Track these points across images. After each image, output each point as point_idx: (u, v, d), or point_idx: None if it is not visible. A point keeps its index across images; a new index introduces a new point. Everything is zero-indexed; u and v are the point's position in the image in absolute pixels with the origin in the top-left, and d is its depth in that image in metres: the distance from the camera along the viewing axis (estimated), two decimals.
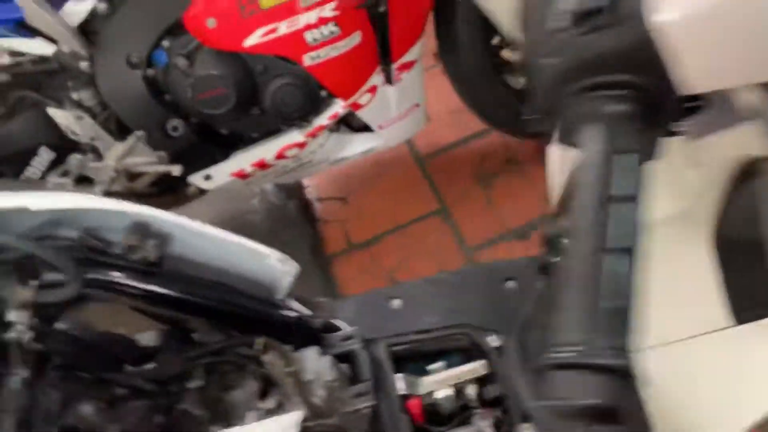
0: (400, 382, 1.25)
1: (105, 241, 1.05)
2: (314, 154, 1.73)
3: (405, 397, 1.25)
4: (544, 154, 2.02)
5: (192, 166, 1.66)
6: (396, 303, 1.35)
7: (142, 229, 1.02)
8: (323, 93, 1.58)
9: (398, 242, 1.95)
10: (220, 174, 1.70)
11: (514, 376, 1.24)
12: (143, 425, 1.10)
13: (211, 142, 1.66)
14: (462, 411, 1.26)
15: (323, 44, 1.46)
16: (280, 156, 1.68)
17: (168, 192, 1.78)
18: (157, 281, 1.07)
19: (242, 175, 1.71)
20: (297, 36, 1.42)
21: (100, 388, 1.11)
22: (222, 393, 1.16)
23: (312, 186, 2.16)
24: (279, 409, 1.07)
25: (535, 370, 1.20)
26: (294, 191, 2.15)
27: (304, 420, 1.07)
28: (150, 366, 1.16)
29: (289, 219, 2.10)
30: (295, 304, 1.20)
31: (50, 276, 0.96)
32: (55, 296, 0.97)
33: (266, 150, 1.66)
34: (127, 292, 1.05)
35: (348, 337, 1.12)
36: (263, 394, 1.12)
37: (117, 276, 1.03)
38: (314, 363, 1.11)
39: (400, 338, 1.31)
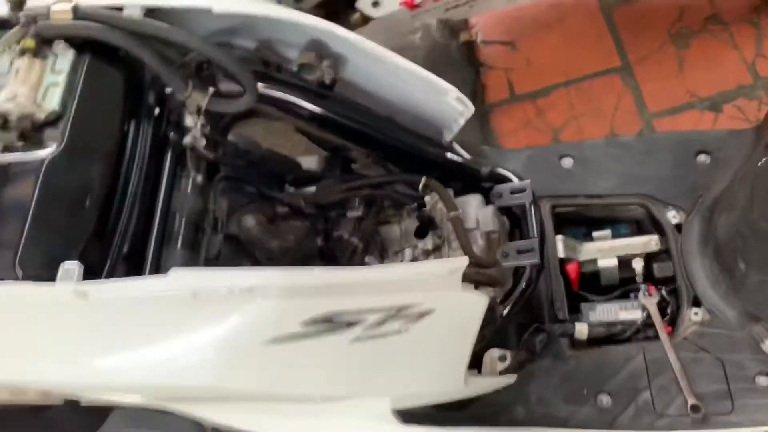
0: (559, 244, 1.18)
1: (281, 56, 1.01)
2: None
3: (563, 261, 1.18)
4: (756, 15, 1.72)
5: None
6: (567, 161, 1.25)
7: (318, 48, 0.96)
8: None
9: (568, 98, 1.79)
10: (389, 0, 1.58)
11: (691, 258, 1.13)
12: (303, 244, 1.12)
13: None
14: (623, 284, 1.18)
15: None
16: None
17: (332, 16, 1.70)
18: (328, 104, 1.02)
19: (412, 5, 1.59)
20: None
21: (263, 204, 1.13)
22: (379, 226, 1.15)
23: (479, 26, 1.99)
24: (436, 251, 1.04)
25: (719, 256, 1.08)
26: (459, 30, 2.00)
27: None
28: (311, 189, 1.16)
29: (451, 59, 1.96)
30: (460, 149, 1.13)
31: (226, 85, 0.94)
32: (230, 106, 0.95)
33: None
34: (297, 111, 1.02)
35: (519, 190, 1.04)
36: (421, 234, 1.09)
37: (290, 94, 1.00)
38: (477, 211, 1.05)
39: (568, 200, 1.22)
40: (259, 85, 0.94)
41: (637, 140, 1.23)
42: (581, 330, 1.10)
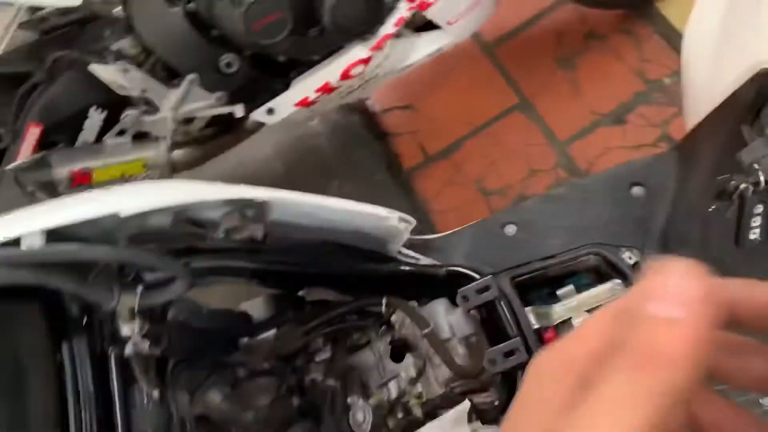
0: (531, 316, 1.15)
1: (202, 224, 0.94)
2: (380, 67, 1.55)
3: (539, 331, 1.15)
4: (628, 23, 1.79)
5: (253, 102, 1.51)
6: (511, 229, 1.22)
7: (241, 210, 0.90)
8: None
9: (480, 146, 1.79)
10: (284, 105, 1.54)
11: None
12: (277, 407, 1.04)
13: (269, 73, 1.49)
14: None
15: None
16: (345, 76, 1.51)
17: (225, 132, 1.64)
18: (264, 258, 0.96)
19: (306, 103, 1.56)
20: None
21: (223, 372, 1.04)
22: (351, 355, 1.09)
23: (373, 98, 1.99)
24: (420, 375, 0.99)
25: None
26: (355, 106, 1.98)
27: (450, 381, 0.99)
28: (268, 336, 1.09)
29: (357, 136, 1.95)
30: (410, 253, 1.09)
31: (154, 274, 0.87)
32: (164, 295, 0.87)
33: (330, 72, 1.49)
34: (235, 274, 0.95)
35: (484, 288, 1.01)
36: (398, 356, 1.04)
37: (222, 260, 0.93)
38: (446, 317, 1.01)
39: (524, 268, 1.19)
40: (189, 259, 0.87)
41: (570, 190, 1.23)
42: None
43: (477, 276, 1.04)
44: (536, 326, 1.14)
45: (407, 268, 1.05)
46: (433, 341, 0.95)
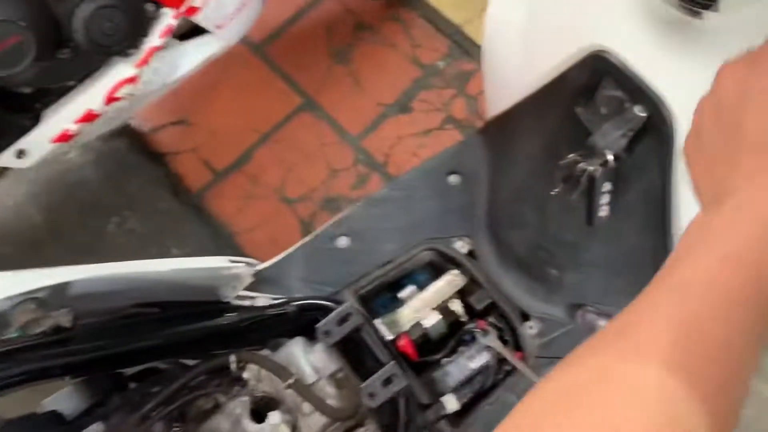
0: (382, 328, 1.10)
1: None
2: (150, 83, 1.36)
3: (393, 342, 1.11)
4: (393, 10, 1.80)
5: None
6: (343, 241, 1.16)
7: (39, 299, 0.70)
8: (149, 6, 1.19)
9: (273, 153, 1.68)
10: (38, 144, 1.28)
11: (499, 278, 1.14)
12: None
13: (13, 109, 1.22)
14: (453, 330, 1.15)
15: None
16: (110, 99, 1.29)
17: None
18: (77, 345, 0.76)
19: (66, 137, 1.31)
20: None
21: None
22: (201, 425, 0.93)
23: (138, 117, 1.76)
24: (295, 430, 0.87)
25: (526, 268, 1.11)
26: (117, 130, 1.73)
27: (326, 427, 0.89)
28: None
29: (128, 163, 1.71)
30: (248, 294, 0.96)
31: None
32: None
33: (91, 97, 1.27)
34: (42, 374, 0.74)
35: (344, 318, 0.92)
36: (259, 416, 0.90)
37: (21, 365, 0.71)
38: (306, 357, 0.91)
39: (365, 280, 1.13)
40: None
41: (391, 190, 1.19)
42: (450, 402, 1.05)
43: (328, 304, 0.95)
44: (389, 337, 1.10)
45: (249, 315, 0.92)
46: (300, 390, 0.84)
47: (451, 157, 1.22)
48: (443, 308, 1.14)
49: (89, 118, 1.30)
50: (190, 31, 1.42)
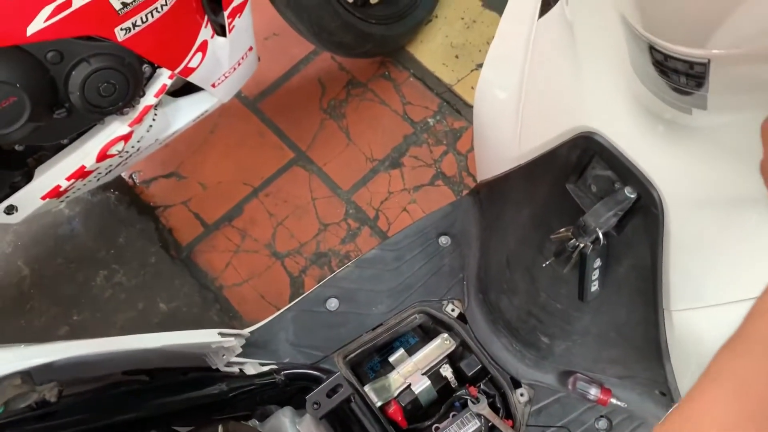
0: (371, 395, 1.09)
1: None
2: (143, 140, 1.37)
3: (382, 408, 1.09)
4: (385, 69, 1.83)
5: None
6: (333, 303, 1.15)
7: (26, 374, 0.68)
8: (145, 67, 1.21)
9: (264, 207, 1.69)
10: (28, 200, 1.28)
11: (489, 343, 1.14)
12: None
13: (4, 166, 1.22)
14: (444, 396, 1.14)
15: (137, 9, 1.08)
16: (103, 156, 1.29)
17: None
18: (63, 418, 0.75)
19: (57, 194, 1.31)
20: (100, 6, 1.03)
21: None
22: None
23: (129, 171, 1.76)
24: None
25: (515, 334, 1.10)
26: (108, 184, 1.74)
27: None
28: None
29: (117, 216, 1.70)
30: (235, 360, 0.95)
31: None
32: None
33: (83, 154, 1.27)
34: None
35: (334, 390, 0.91)
36: None
37: None
38: (295, 429, 0.89)
39: (355, 344, 1.13)
40: None
41: (382, 250, 1.19)
42: None
43: (317, 374, 0.94)
44: (379, 403, 1.09)
45: (238, 384, 0.91)
46: None
47: (441, 218, 1.23)
48: (433, 373, 1.14)
49: (81, 174, 1.30)
50: (183, 88, 1.44)
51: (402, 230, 1.22)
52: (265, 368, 0.94)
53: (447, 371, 1.13)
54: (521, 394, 1.09)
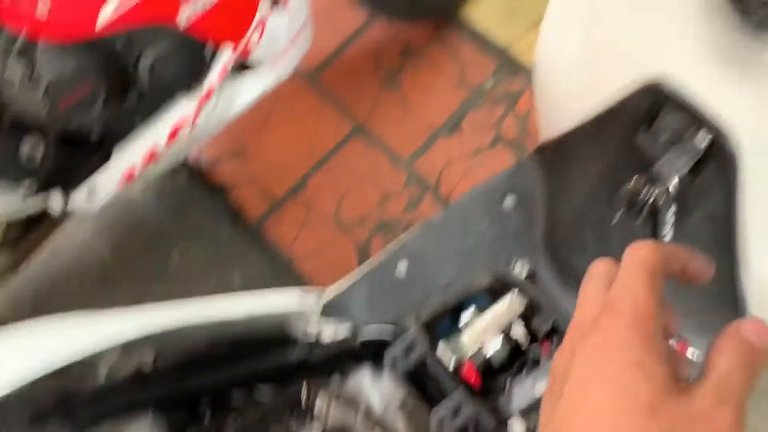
0: (444, 354, 1.11)
1: (74, 377, 0.75)
2: (210, 119, 1.41)
3: (456, 369, 1.11)
4: (439, 34, 1.82)
5: (69, 186, 1.29)
6: (402, 267, 1.17)
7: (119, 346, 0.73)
8: (208, 48, 1.25)
9: (327, 180, 1.72)
10: (107, 182, 1.34)
11: (561, 301, 1.13)
12: None
13: (84, 149, 1.28)
14: (517, 353, 1.15)
15: None
16: (173, 135, 1.35)
17: (27, 232, 1.40)
18: (158, 383, 0.80)
19: (132, 176, 1.37)
20: None
21: None
22: None
23: (196, 153, 1.82)
24: None
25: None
26: (178, 167, 1.80)
27: None
28: None
29: (189, 197, 1.77)
30: (317, 327, 0.98)
31: None
32: None
33: (156, 134, 1.33)
34: (123, 412, 0.78)
35: (410, 347, 0.93)
36: None
37: (107, 403, 0.75)
38: (374, 389, 0.93)
39: (425, 305, 1.14)
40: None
41: (447, 214, 1.20)
42: (517, 426, 1.04)
43: (393, 335, 0.97)
44: (453, 363, 1.10)
45: (316, 349, 0.94)
46: (371, 420, 0.86)
47: (505, 179, 1.23)
48: (505, 333, 1.15)
49: (153, 155, 1.36)
50: (243, 65, 1.48)
51: (466, 193, 1.23)
52: (342, 332, 0.97)
53: (519, 331, 1.14)
54: None
